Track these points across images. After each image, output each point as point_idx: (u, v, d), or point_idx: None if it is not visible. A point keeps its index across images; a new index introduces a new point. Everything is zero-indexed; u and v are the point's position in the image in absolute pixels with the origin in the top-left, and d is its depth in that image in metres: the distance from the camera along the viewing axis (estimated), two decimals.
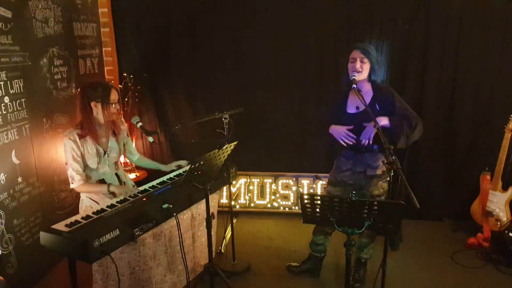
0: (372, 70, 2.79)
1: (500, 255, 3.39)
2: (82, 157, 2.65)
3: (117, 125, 2.85)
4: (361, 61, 2.75)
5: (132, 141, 3.21)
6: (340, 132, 2.82)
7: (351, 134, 2.78)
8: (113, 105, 2.67)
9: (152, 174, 4.31)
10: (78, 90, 2.85)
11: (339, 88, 3.12)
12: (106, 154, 2.76)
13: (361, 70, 2.75)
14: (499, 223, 3.51)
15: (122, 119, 2.99)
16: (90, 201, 2.74)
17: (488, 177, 3.56)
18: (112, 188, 2.68)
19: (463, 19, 3.70)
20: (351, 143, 2.79)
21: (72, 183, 2.64)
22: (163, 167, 3.08)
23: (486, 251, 3.47)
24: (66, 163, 2.63)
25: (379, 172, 2.85)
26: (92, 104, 2.63)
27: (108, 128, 2.77)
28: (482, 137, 3.89)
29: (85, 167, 2.69)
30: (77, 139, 2.60)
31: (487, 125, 3.85)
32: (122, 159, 4.03)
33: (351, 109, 2.89)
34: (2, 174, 2.71)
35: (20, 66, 2.88)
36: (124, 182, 2.96)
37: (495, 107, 3.81)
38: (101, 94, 2.61)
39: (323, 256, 3.27)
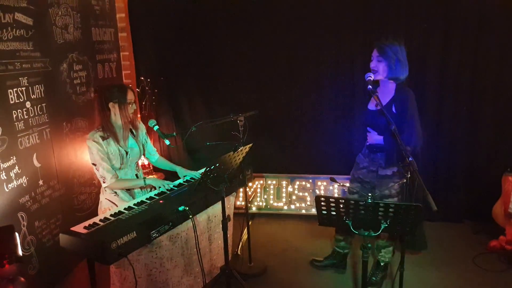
0: (389, 69, 2.72)
1: None
2: (107, 157, 2.70)
3: (135, 125, 2.89)
4: (377, 60, 2.73)
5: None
6: None
7: None
8: (130, 105, 2.71)
9: (169, 176, 4.36)
10: (95, 93, 2.91)
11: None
12: (128, 154, 2.81)
13: (377, 70, 2.73)
14: None
15: (140, 120, 3.04)
16: (109, 203, 2.79)
17: (511, 178, 3.46)
18: (149, 181, 2.74)
19: (483, 17, 3.62)
20: None
21: (104, 182, 2.67)
22: (179, 170, 3.06)
23: (509, 255, 3.37)
24: (95, 164, 2.66)
25: (389, 173, 2.84)
26: (110, 105, 2.67)
27: (127, 129, 2.80)
28: (504, 137, 3.79)
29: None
30: (101, 141, 2.64)
31: (509, 124, 3.76)
32: (140, 161, 4.09)
33: (371, 106, 2.91)
34: (24, 177, 2.78)
35: (41, 72, 2.96)
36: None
37: None
38: (118, 94, 2.66)
39: (346, 253, 3.28)
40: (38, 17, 2.92)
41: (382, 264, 3.07)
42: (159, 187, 2.76)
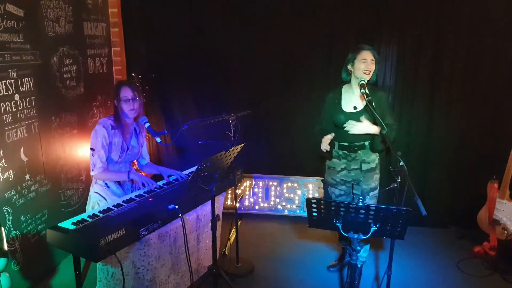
0: (374, 72, 2.85)
1: (507, 264, 3.35)
2: (109, 146, 2.72)
3: (140, 125, 2.92)
4: (371, 63, 2.80)
5: None
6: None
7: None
8: (126, 102, 2.70)
9: (159, 175, 4.33)
10: None
11: (334, 86, 3.14)
12: (128, 150, 2.84)
13: (370, 71, 2.80)
14: (506, 232, 3.47)
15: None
16: (98, 197, 2.77)
17: (496, 185, 3.52)
18: (132, 175, 2.76)
19: (474, 25, 3.68)
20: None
21: (92, 170, 2.71)
22: (163, 171, 3.06)
23: (492, 260, 3.43)
24: (93, 149, 2.69)
25: (373, 165, 2.93)
26: (115, 101, 2.74)
27: (131, 126, 2.86)
28: (490, 144, 3.85)
29: (107, 158, 2.76)
30: (110, 129, 2.71)
31: (495, 132, 3.82)
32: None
33: (347, 108, 2.91)
34: (11, 171, 2.73)
35: (31, 65, 2.91)
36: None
37: (504, 114, 3.78)
38: (115, 91, 2.72)
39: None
40: (29, 8, 2.87)
41: (359, 266, 3.09)
42: (142, 183, 2.78)
